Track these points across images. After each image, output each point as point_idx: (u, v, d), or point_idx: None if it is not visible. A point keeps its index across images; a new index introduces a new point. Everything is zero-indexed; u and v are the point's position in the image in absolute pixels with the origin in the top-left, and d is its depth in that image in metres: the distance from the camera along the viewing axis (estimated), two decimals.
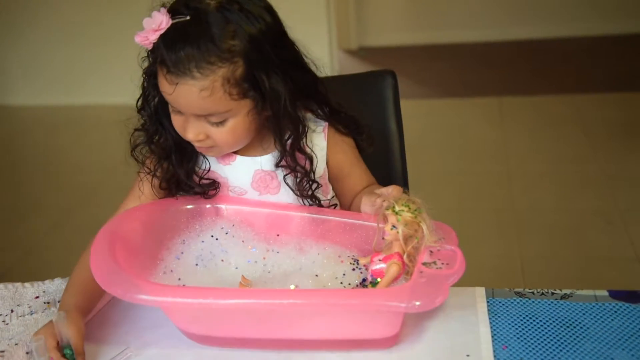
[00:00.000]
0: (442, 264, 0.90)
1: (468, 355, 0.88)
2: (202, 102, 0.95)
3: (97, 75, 3.99)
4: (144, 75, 1.06)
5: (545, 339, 0.91)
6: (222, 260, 1.01)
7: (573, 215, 2.53)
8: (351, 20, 4.28)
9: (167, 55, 0.94)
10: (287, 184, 1.09)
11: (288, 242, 1.05)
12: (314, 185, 1.08)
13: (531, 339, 0.91)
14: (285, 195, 1.10)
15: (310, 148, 1.07)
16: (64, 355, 0.86)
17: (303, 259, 1.02)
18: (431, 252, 0.92)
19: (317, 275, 0.98)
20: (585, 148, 3.03)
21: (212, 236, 1.04)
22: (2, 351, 0.90)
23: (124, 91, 4.54)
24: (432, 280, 0.87)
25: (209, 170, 1.09)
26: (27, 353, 0.91)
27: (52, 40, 3.96)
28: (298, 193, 1.08)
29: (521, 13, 4.45)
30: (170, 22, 0.95)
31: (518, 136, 3.20)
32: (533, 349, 0.89)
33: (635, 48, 4.15)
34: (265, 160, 1.09)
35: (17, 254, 2.57)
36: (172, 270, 0.99)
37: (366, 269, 0.99)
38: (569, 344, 0.90)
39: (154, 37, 0.96)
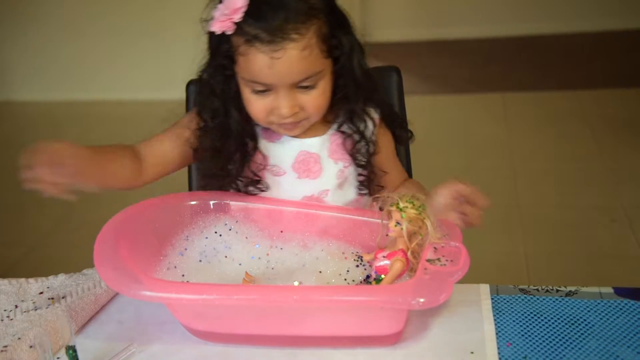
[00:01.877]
0: (447, 260, 0.90)
1: (472, 352, 0.88)
2: (303, 64, 0.97)
3: (101, 70, 3.99)
4: (201, 73, 1.06)
5: (549, 336, 0.90)
6: (226, 257, 1.01)
7: (578, 212, 2.52)
8: (355, 16, 4.26)
9: (261, 27, 0.95)
10: (334, 164, 1.09)
11: (292, 238, 1.05)
12: (372, 148, 1.10)
13: (536, 336, 0.91)
14: (325, 180, 1.10)
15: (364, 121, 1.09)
16: (66, 353, 0.87)
17: (307, 256, 1.02)
18: (435, 248, 0.92)
19: (320, 272, 0.98)
20: (589, 144, 3.02)
21: (215, 232, 1.04)
22: (6, 346, 0.91)
23: (128, 87, 4.56)
24: (436, 277, 0.87)
25: (255, 149, 1.07)
26: (30, 347, 0.91)
27: (56, 35, 3.96)
28: (355, 160, 1.09)
29: (525, 9, 4.44)
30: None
31: (522, 132, 3.19)
32: (537, 346, 0.89)
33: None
34: (312, 142, 1.09)
35: (21, 250, 2.57)
36: (175, 267, 0.99)
37: (370, 266, 0.98)
38: (574, 341, 0.89)
39: (238, 16, 0.96)
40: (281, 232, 1.06)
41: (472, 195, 1.02)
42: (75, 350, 0.87)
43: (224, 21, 0.97)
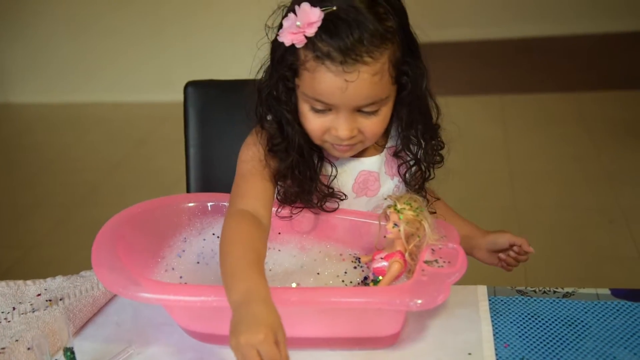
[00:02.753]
0: (444, 262, 0.90)
1: (470, 354, 0.88)
2: (372, 89, 0.92)
3: (99, 72, 3.99)
4: (263, 83, 0.99)
5: (547, 338, 0.91)
6: None
7: (575, 213, 2.53)
8: None
9: (334, 45, 0.89)
10: (390, 180, 1.07)
11: (289, 240, 1.05)
12: (427, 174, 1.07)
13: (533, 337, 0.91)
14: (381, 197, 1.06)
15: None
16: (64, 355, 0.87)
17: (304, 257, 1.02)
18: (433, 250, 0.92)
19: (318, 274, 0.98)
20: (587, 146, 3.02)
21: (213, 234, 1.04)
22: (3, 348, 0.91)
23: (126, 89, 4.54)
24: (434, 278, 0.87)
25: (335, 175, 1.03)
26: (28, 349, 0.91)
27: (53, 37, 3.95)
28: (407, 185, 1.07)
29: (523, 11, 4.44)
30: (322, 13, 0.90)
31: (520, 134, 3.20)
32: (535, 347, 0.89)
33: (638, 46, 4.14)
34: (371, 162, 1.06)
35: (18, 251, 2.57)
36: (173, 268, 0.99)
37: (368, 267, 0.99)
38: (571, 342, 0.90)
39: (311, 30, 0.90)
40: (279, 233, 1.06)
41: (524, 245, 1.13)
42: (73, 352, 0.87)
43: (295, 34, 0.91)
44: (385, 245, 0.97)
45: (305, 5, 0.90)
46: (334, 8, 0.90)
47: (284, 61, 0.95)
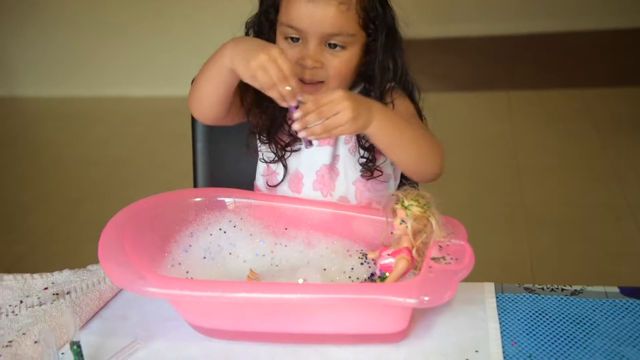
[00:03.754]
0: (451, 259, 0.90)
1: (477, 351, 0.88)
2: (337, 18, 1.01)
3: (105, 66, 3.99)
4: (250, 19, 1.11)
5: (554, 336, 0.90)
6: (230, 254, 1.01)
7: (583, 210, 2.52)
8: None
9: None
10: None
11: (296, 235, 1.05)
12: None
13: (540, 335, 0.91)
14: (338, 146, 1.13)
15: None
16: (70, 349, 0.87)
17: (311, 253, 1.02)
18: (440, 247, 0.92)
19: (325, 269, 0.98)
20: (594, 143, 3.01)
21: (220, 229, 1.04)
22: (10, 341, 0.91)
23: (132, 83, 4.53)
24: (441, 275, 0.87)
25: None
26: (35, 342, 0.91)
27: (60, 31, 3.96)
28: (359, 142, 1.10)
29: (530, 7, 4.42)
30: None
31: (527, 131, 3.18)
32: (542, 345, 0.89)
33: None
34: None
35: (25, 246, 2.58)
36: (180, 263, 0.99)
37: (375, 264, 0.98)
38: (579, 340, 0.89)
39: None
40: (285, 229, 1.06)
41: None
42: (79, 346, 0.87)
43: None
44: (392, 241, 0.97)
45: None
46: None
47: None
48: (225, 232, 1.04)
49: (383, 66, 1.08)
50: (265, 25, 1.10)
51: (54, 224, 2.73)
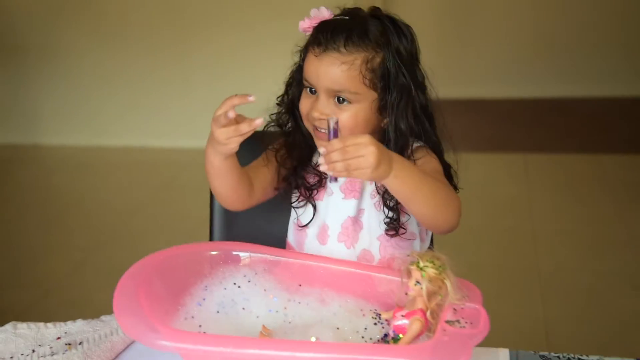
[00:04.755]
0: (466, 322, 0.89)
1: None
2: (339, 76, 1.08)
3: (127, 117, 4.06)
4: (290, 75, 1.20)
5: None
6: (244, 309, 1.01)
7: (598, 277, 2.48)
8: None
9: (323, 35, 1.09)
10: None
11: (310, 292, 1.04)
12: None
13: None
14: (363, 199, 1.16)
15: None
16: None
17: (324, 311, 1.01)
18: (455, 310, 0.91)
19: (338, 328, 0.97)
20: (610, 209, 2.99)
21: (234, 283, 1.04)
22: None
23: (153, 134, 4.59)
24: (455, 339, 0.85)
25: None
26: None
27: (84, 82, 4.05)
28: (384, 201, 1.13)
29: (548, 72, 4.47)
30: (332, 15, 1.13)
31: (543, 194, 3.17)
32: None
33: None
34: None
35: (38, 292, 2.58)
36: (193, 317, 0.99)
37: (388, 324, 0.97)
38: None
39: (315, 22, 1.13)
40: (299, 285, 1.05)
41: None
42: None
43: (307, 23, 1.14)
44: (407, 302, 0.96)
45: (324, 7, 1.14)
46: (346, 18, 1.12)
47: (300, 53, 1.16)
48: (239, 286, 1.04)
49: (395, 126, 1.11)
50: (296, 80, 1.18)
51: (68, 271, 2.73)
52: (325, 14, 1.13)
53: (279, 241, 1.24)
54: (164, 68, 3.95)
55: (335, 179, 1.02)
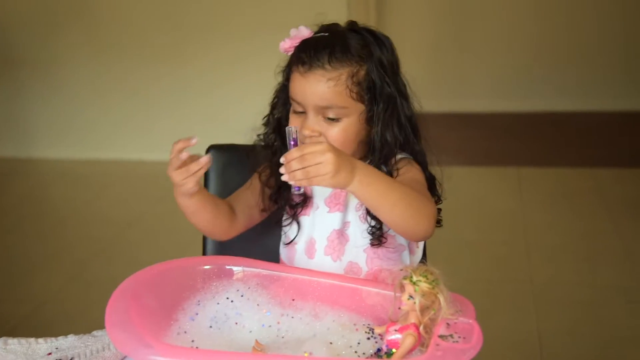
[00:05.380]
0: (459, 337, 0.89)
1: None
2: (326, 92, 1.09)
3: (122, 130, 4.06)
4: (274, 95, 1.21)
5: None
6: (237, 323, 1.01)
7: (593, 290, 2.48)
8: None
9: (306, 53, 1.10)
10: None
11: (303, 307, 1.04)
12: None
13: None
14: (348, 212, 1.17)
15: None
16: None
17: (318, 325, 1.01)
18: (448, 324, 0.91)
19: (331, 343, 0.97)
20: (605, 223, 2.99)
21: (227, 298, 1.04)
22: None
23: (148, 147, 4.59)
24: (449, 353, 0.85)
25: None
26: None
27: (79, 95, 4.04)
28: (368, 211, 1.13)
29: (543, 85, 4.49)
30: (312, 33, 1.14)
31: (537, 208, 3.18)
32: None
33: None
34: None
35: (29, 306, 2.56)
36: (185, 332, 0.98)
37: (381, 339, 0.97)
38: None
39: (297, 42, 1.13)
40: (293, 300, 1.05)
41: None
42: None
43: (287, 44, 1.14)
44: (400, 317, 0.96)
45: (303, 27, 1.15)
46: (326, 34, 1.13)
47: (284, 73, 1.17)
48: (232, 301, 1.03)
49: (381, 136, 1.12)
50: (281, 99, 1.18)
51: (61, 284, 2.72)
52: (304, 32, 1.14)
53: (272, 255, 1.24)
54: (160, 80, 3.95)
55: (299, 188, 1.04)
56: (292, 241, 1.20)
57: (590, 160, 3.71)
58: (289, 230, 1.22)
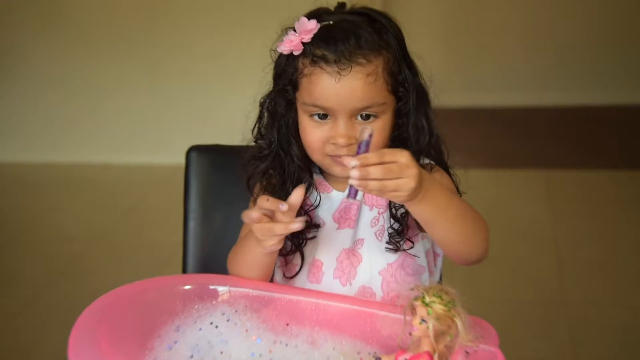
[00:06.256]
0: None
1: None
2: (366, 90, 1.07)
3: (88, 130, 4.06)
4: (264, 99, 1.18)
5: None
6: (222, 352, 1.01)
7: (634, 312, 2.48)
8: None
9: (330, 49, 1.07)
10: (369, 210, 1.16)
11: (299, 333, 1.05)
12: None
13: None
14: (361, 228, 1.16)
15: None
16: None
17: (316, 355, 1.01)
18: (467, 352, 0.91)
19: None
20: None
21: (211, 323, 1.04)
22: None
23: (118, 149, 4.57)
24: None
25: (319, 204, 1.17)
26: None
27: (34, 90, 4.04)
28: (391, 210, 1.14)
29: (574, 75, 4.49)
30: (319, 24, 1.10)
31: (569, 216, 3.19)
32: None
33: None
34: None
35: None
36: None
37: None
38: None
39: (308, 36, 1.09)
40: (287, 325, 1.06)
41: None
42: None
43: (292, 41, 1.09)
44: (411, 344, 0.96)
45: (303, 18, 1.10)
46: (331, 22, 1.10)
47: (284, 74, 1.13)
48: (217, 326, 1.03)
49: (417, 126, 1.14)
50: (280, 105, 1.15)
51: (16, 310, 2.71)
52: (311, 25, 1.10)
53: None
54: (129, 69, 3.94)
55: (355, 196, 1.00)
56: (294, 276, 1.18)
57: (631, 161, 3.71)
58: (293, 260, 1.19)
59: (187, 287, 1.09)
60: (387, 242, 1.15)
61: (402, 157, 0.95)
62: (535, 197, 3.39)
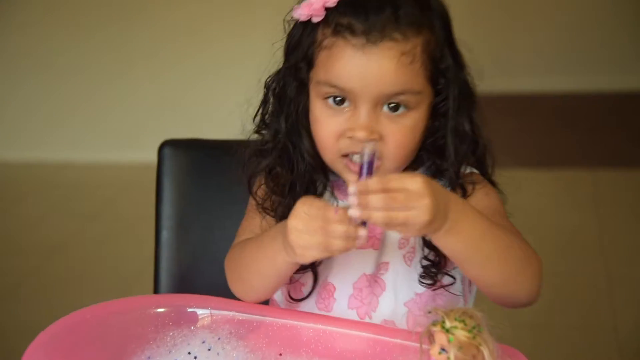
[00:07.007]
0: None
1: None
2: (400, 73, 1.02)
3: (40, 123, 4.07)
4: (271, 79, 1.13)
5: None
6: None
7: None
8: None
9: (357, 18, 1.01)
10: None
11: None
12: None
13: None
14: (386, 250, 1.13)
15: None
16: None
17: None
18: None
19: None
20: None
21: (189, 353, 1.04)
22: None
23: (78, 145, 4.59)
24: None
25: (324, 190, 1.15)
26: None
27: None
28: (424, 238, 1.09)
29: (623, 57, 4.49)
30: None
31: (619, 225, 3.19)
32: None
33: None
34: None
35: None
36: None
37: None
38: None
39: (331, 0, 1.03)
40: (280, 355, 1.06)
41: None
42: None
43: (312, 4, 1.04)
44: None
45: None
46: None
47: (298, 47, 1.08)
48: (195, 357, 1.04)
49: (458, 131, 1.09)
50: (290, 86, 1.11)
51: None
52: None
53: None
54: (95, 59, 3.96)
55: (364, 223, 0.95)
56: (303, 299, 1.15)
57: None
58: (300, 279, 1.16)
59: (160, 309, 1.09)
60: (422, 276, 1.11)
61: (413, 183, 0.91)
62: (579, 201, 3.39)
